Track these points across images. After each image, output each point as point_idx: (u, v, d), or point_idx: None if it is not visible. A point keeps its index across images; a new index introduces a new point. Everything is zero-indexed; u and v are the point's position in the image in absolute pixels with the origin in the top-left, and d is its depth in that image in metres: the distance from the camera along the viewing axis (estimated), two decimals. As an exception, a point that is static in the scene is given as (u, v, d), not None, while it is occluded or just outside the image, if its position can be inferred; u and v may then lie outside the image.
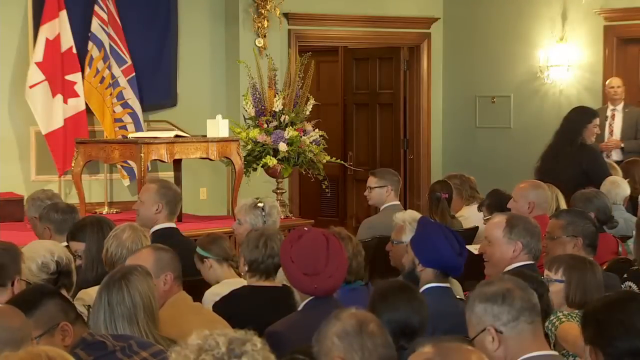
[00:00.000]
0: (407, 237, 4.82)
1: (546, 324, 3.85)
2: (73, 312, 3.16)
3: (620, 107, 9.58)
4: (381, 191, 6.70)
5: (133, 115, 9.63)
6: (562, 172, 7.00)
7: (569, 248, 4.79)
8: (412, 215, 5.07)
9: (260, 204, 5.51)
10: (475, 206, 6.89)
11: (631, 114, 9.53)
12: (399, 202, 6.77)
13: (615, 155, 9.27)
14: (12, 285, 3.71)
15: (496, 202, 6.10)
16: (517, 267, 4.44)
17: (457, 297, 4.70)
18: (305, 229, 3.94)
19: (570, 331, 3.72)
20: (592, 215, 5.72)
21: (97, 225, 4.74)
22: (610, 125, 9.48)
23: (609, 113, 9.54)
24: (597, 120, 7.46)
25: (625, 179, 7.07)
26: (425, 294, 4.06)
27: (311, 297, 3.76)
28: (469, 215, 6.71)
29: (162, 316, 3.70)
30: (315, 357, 2.90)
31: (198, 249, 4.92)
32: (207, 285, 4.84)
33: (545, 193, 5.83)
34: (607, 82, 9.78)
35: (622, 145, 9.38)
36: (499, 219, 4.65)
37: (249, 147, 8.74)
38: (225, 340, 2.21)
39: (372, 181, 6.72)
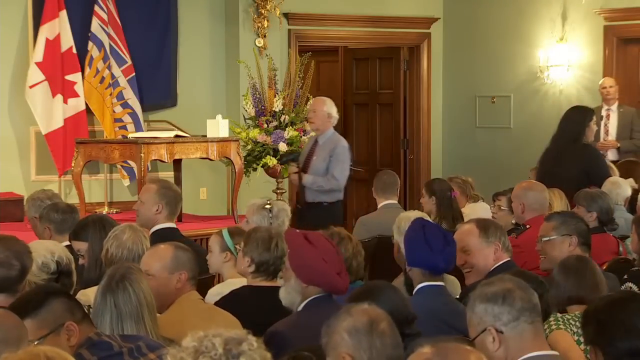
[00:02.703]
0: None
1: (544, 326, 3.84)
2: (80, 311, 3.14)
3: (614, 106, 9.60)
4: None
5: (133, 115, 9.63)
6: (564, 171, 7.00)
7: (564, 247, 4.79)
8: (417, 215, 5.09)
9: (268, 206, 5.51)
10: (476, 204, 6.98)
11: (626, 113, 9.55)
12: (395, 201, 6.85)
13: (611, 155, 9.28)
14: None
15: None
16: (498, 266, 4.47)
17: (455, 296, 4.72)
18: (297, 231, 3.95)
19: (561, 341, 3.65)
20: (594, 214, 5.76)
21: (100, 224, 4.74)
22: (605, 125, 9.49)
23: (603, 113, 9.54)
24: (595, 118, 7.52)
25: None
26: (419, 293, 4.08)
27: (311, 298, 3.76)
28: (470, 213, 6.73)
29: (165, 317, 3.69)
30: (323, 348, 2.89)
31: (225, 235, 4.90)
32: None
33: (538, 194, 5.82)
34: (599, 83, 9.79)
35: (619, 145, 9.40)
36: (468, 226, 4.66)
37: (249, 147, 8.74)
38: (221, 341, 2.19)
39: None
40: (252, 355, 2.19)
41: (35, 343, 2.94)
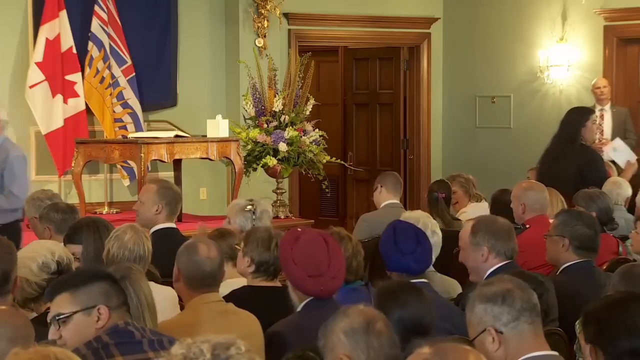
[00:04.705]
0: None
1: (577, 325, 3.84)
2: (118, 299, 3.19)
3: (607, 107, 9.63)
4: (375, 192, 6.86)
5: (133, 115, 9.63)
6: (562, 170, 7.02)
7: (558, 247, 4.77)
8: (418, 215, 5.09)
9: (250, 207, 5.51)
10: (478, 203, 6.99)
11: (619, 113, 9.57)
12: (397, 201, 6.86)
13: (606, 156, 9.28)
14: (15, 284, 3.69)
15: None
16: (495, 269, 4.40)
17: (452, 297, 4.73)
18: (299, 229, 3.93)
19: None
20: (593, 214, 5.74)
21: (93, 227, 4.71)
22: (600, 125, 9.49)
23: (597, 113, 9.54)
24: (593, 117, 7.53)
25: None
26: None
27: (310, 298, 3.76)
28: (471, 212, 6.74)
29: (179, 322, 3.69)
30: (321, 350, 2.88)
31: None
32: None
33: (538, 195, 5.81)
34: (592, 83, 9.79)
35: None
36: (469, 224, 4.65)
37: (249, 147, 8.74)
38: (209, 347, 2.20)
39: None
40: None
41: (66, 314, 3.07)
